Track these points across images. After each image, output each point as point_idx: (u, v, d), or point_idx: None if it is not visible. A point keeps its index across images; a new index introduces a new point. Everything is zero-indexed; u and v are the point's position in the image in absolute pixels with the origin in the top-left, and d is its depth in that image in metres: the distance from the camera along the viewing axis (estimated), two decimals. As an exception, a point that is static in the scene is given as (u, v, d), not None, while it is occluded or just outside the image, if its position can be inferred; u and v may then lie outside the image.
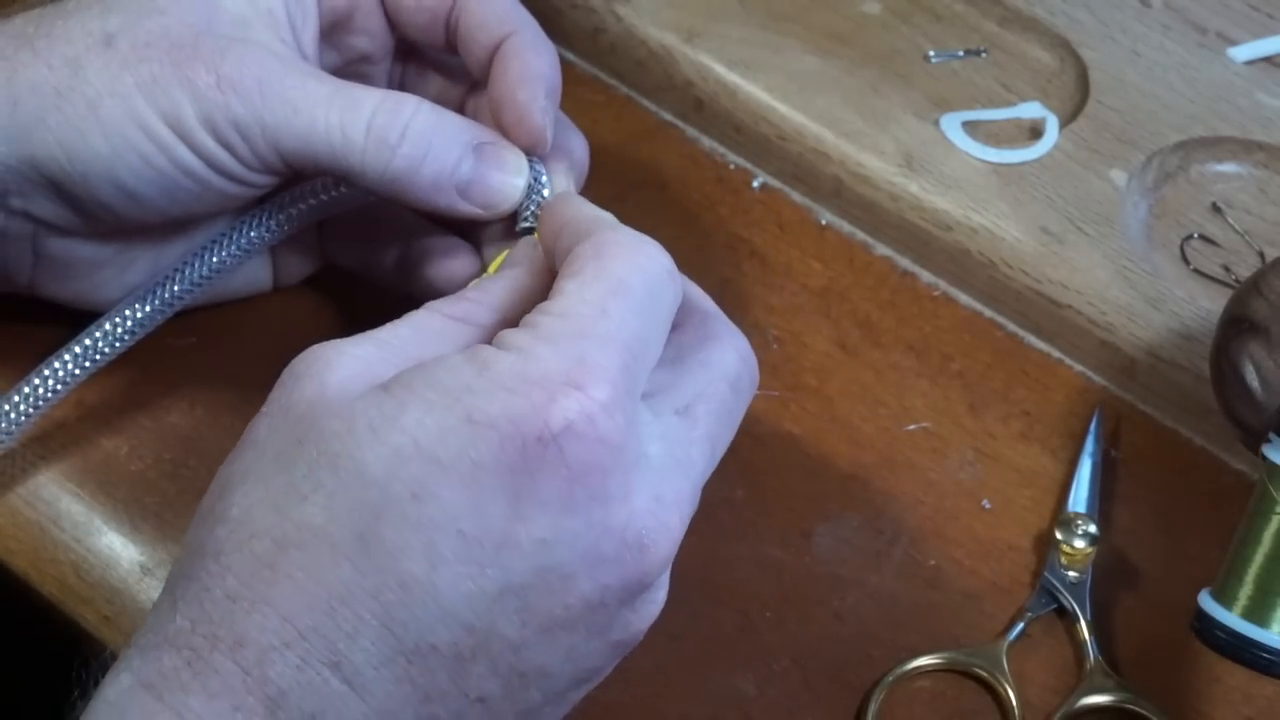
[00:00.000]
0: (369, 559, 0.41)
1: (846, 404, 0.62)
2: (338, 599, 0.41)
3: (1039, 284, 0.63)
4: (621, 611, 0.45)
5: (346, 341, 0.46)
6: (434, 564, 0.41)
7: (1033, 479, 0.60)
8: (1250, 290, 0.53)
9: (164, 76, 0.51)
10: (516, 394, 0.42)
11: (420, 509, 0.42)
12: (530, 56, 0.54)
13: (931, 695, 0.55)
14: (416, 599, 0.41)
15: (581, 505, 0.43)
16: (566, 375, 0.43)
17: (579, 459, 0.42)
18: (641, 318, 0.45)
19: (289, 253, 0.60)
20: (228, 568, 0.42)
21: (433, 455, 0.42)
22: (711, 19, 0.70)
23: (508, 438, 0.42)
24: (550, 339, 0.43)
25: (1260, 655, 0.49)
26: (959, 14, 0.72)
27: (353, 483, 0.42)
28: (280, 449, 0.43)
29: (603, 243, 0.46)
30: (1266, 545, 0.49)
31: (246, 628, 0.41)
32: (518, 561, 0.42)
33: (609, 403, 0.43)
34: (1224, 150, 0.68)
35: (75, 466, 0.57)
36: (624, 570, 0.44)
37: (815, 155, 0.67)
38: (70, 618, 0.55)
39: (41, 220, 0.54)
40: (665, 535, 0.44)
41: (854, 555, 0.58)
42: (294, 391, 0.44)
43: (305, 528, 0.42)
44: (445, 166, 0.52)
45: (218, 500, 0.44)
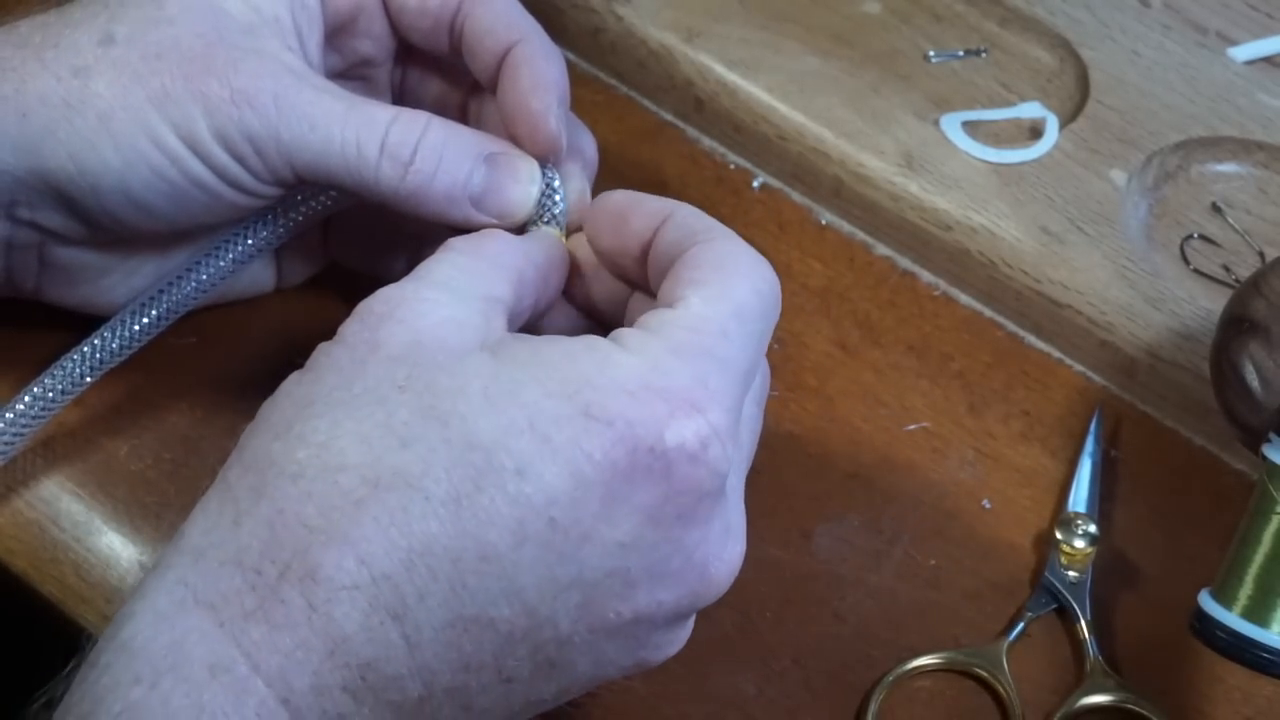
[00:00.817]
0: (458, 521, 0.41)
1: (846, 404, 0.62)
2: (417, 553, 0.41)
3: (1039, 284, 0.63)
4: (657, 633, 0.46)
5: (415, 285, 0.46)
6: (518, 541, 0.42)
7: (1033, 479, 0.60)
8: (1250, 290, 0.53)
9: (176, 89, 0.51)
10: (638, 400, 0.43)
11: (521, 485, 0.42)
12: (540, 64, 0.55)
13: (931, 695, 0.55)
14: (492, 571, 0.41)
15: (667, 521, 0.43)
16: (690, 394, 0.43)
17: (682, 477, 0.43)
18: (755, 344, 0.46)
19: (292, 254, 0.60)
20: (308, 494, 0.41)
21: (545, 436, 0.42)
22: (711, 19, 0.70)
23: (621, 439, 0.42)
24: (678, 351, 0.44)
25: (1260, 655, 0.49)
26: (959, 14, 0.72)
27: (459, 442, 0.42)
28: (374, 386, 0.43)
29: (726, 254, 0.47)
30: (1266, 545, 0.49)
31: (321, 561, 0.40)
32: (594, 559, 0.43)
33: (723, 430, 0.43)
34: (1224, 150, 0.68)
35: (75, 466, 0.57)
36: (681, 591, 0.44)
37: (815, 155, 0.67)
38: (70, 618, 0.55)
39: (49, 230, 0.54)
40: (725, 565, 0.45)
41: (854, 555, 0.58)
42: (380, 330, 0.44)
43: (400, 474, 0.41)
44: (458, 179, 0.52)
45: (296, 419, 0.43)
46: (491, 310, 0.47)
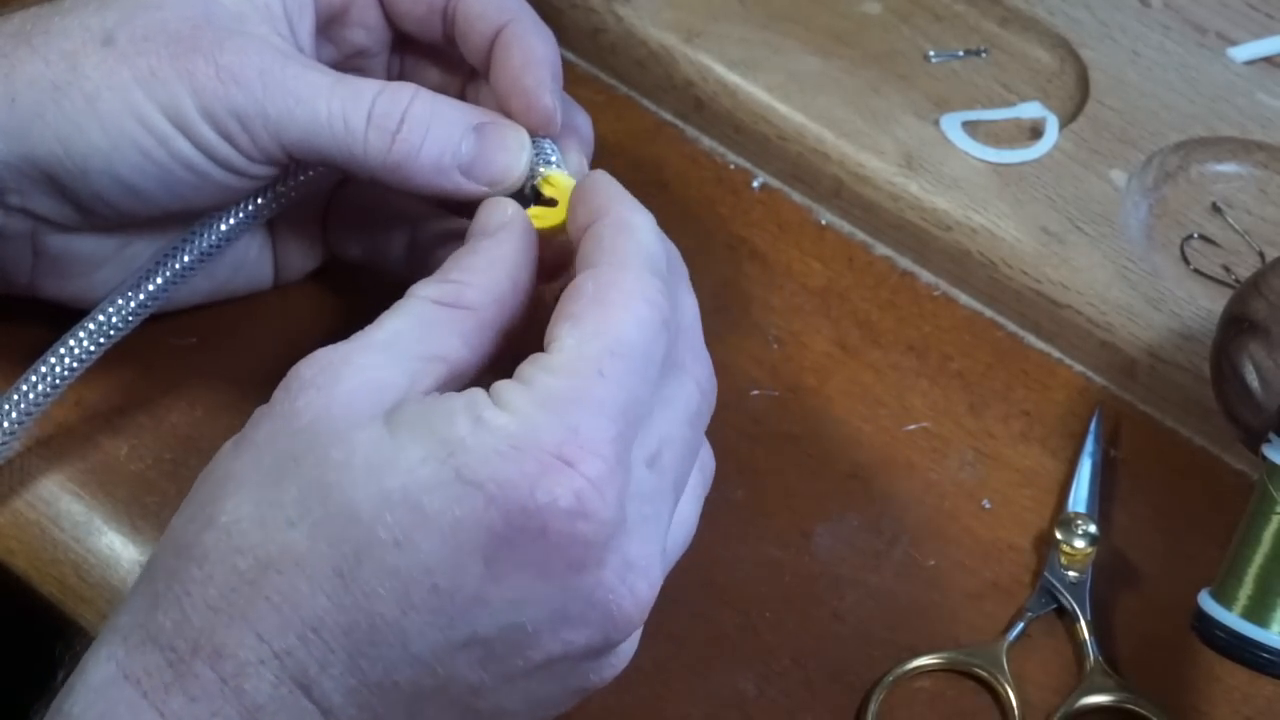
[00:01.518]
0: (345, 595, 0.42)
1: (846, 404, 0.62)
2: (311, 628, 0.42)
3: (1039, 284, 0.63)
4: (582, 665, 0.46)
5: (352, 347, 0.46)
6: (405, 610, 0.42)
7: (1033, 479, 0.60)
8: (1250, 290, 0.53)
9: (162, 69, 0.51)
10: (507, 460, 0.43)
11: (400, 556, 0.42)
12: (532, 40, 0.55)
13: (931, 695, 0.55)
14: (384, 639, 0.43)
15: (556, 573, 0.43)
16: (558, 449, 0.43)
17: (560, 532, 0.43)
18: (637, 377, 0.45)
19: (290, 247, 0.60)
20: (210, 577, 0.43)
21: (419, 505, 0.42)
22: (711, 19, 0.70)
23: (493, 501, 0.42)
24: (546, 404, 0.44)
25: (1260, 655, 0.49)
26: (959, 14, 0.72)
27: (339, 517, 0.43)
28: (276, 462, 0.44)
29: (605, 285, 0.46)
30: (1266, 545, 0.49)
31: (225, 640, 0.42)
32: (485, 618, 0.43)
33: (598, 480, 0.43)
34: (1224, 150, 0.68)
35: (75, 466, 0.57)
36: (589, 632, 0.44)
37: (815, 155, 0.67)
38: (70, 618, 0.55)
39: (40, 217, 0.54)
40: (631, 601, 0.45)
41: (854, 555, 0.58)
42: (298, 399, 0.45)
43: (288, 553, 0.43)
44: (446, 148, 0.52)
45: (209, 500, 0.45)
46: (423, 370, 0.46)
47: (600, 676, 0.47)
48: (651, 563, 0.45)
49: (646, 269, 0.47)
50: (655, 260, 0.48)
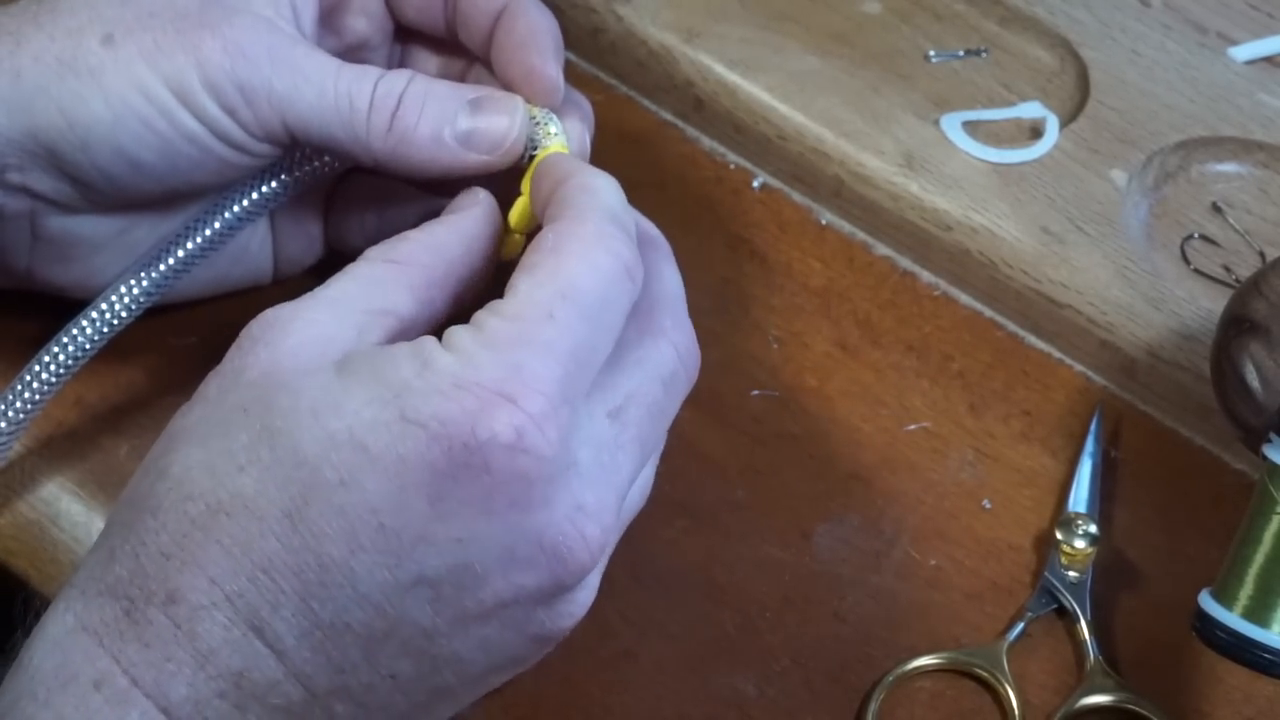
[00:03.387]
0: (294, 536, 0.43)
1: (846, 404, 0.62)
2: (261, 570, 0.43)
3: (1039, 284, 0.63)
4: (537, 611, 0.46)
5: (301, 304, 0.47)
6: (353, 550, 0.43)
7: (1033, 479, 0.60)
8: (1250, 290, 0.53)
9: (167, 42, 0.52)
10: (449, 398, 0.43)
11: (345, 495, 0.43)
12: (533, 15, 0.55)
13: (931, 695, 0.55)
14: (334, 580, 0.43)
15: (500, 510, 0.44)
16: (500, 385, 0.43)
17: (502, 467, 0.43)
18: (590, 323, 0.46)
19: (291, 240, 0.60)
20: (163, 525, 0.44)
21: (363, 445, 0.43)
22: (711, 19, 0.70)
23: (435, 439, 0.43)
24: (491, 344, 0.44)
25: (1260, 655, 0.49)
26: (959, 14, 0.72)
27: (286, 461, 0.43)
28: (226, 414, 0.45)
29: (563, 235, 0.47)
30: (1266, 545, 0.49)
31: (178, 584, 0.43)
32: (432, 558, 0.43)
33: (539, 415, 0.43)
34: (1224, 150, 0.68)
35: (75, 466, 0.57)
36: (538, 574, 0.45)
37: (815, 155, 0.67)
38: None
39: (40, 195, 0.54)
40: (581, 544, 0.45)
41: (854, 555, 0.58)
42: (249, 355, 0.46)
43: (238, 497, 0.43)
44: (440, 122, 0.53)
45: (161, 454, 0.45)
46: (371, 324, 0.47)
47: (556, 625, 0.47)
48: (604, 509, 0.46)
49: (606, 220, 0.48)
50: (615, 213, 0.48)
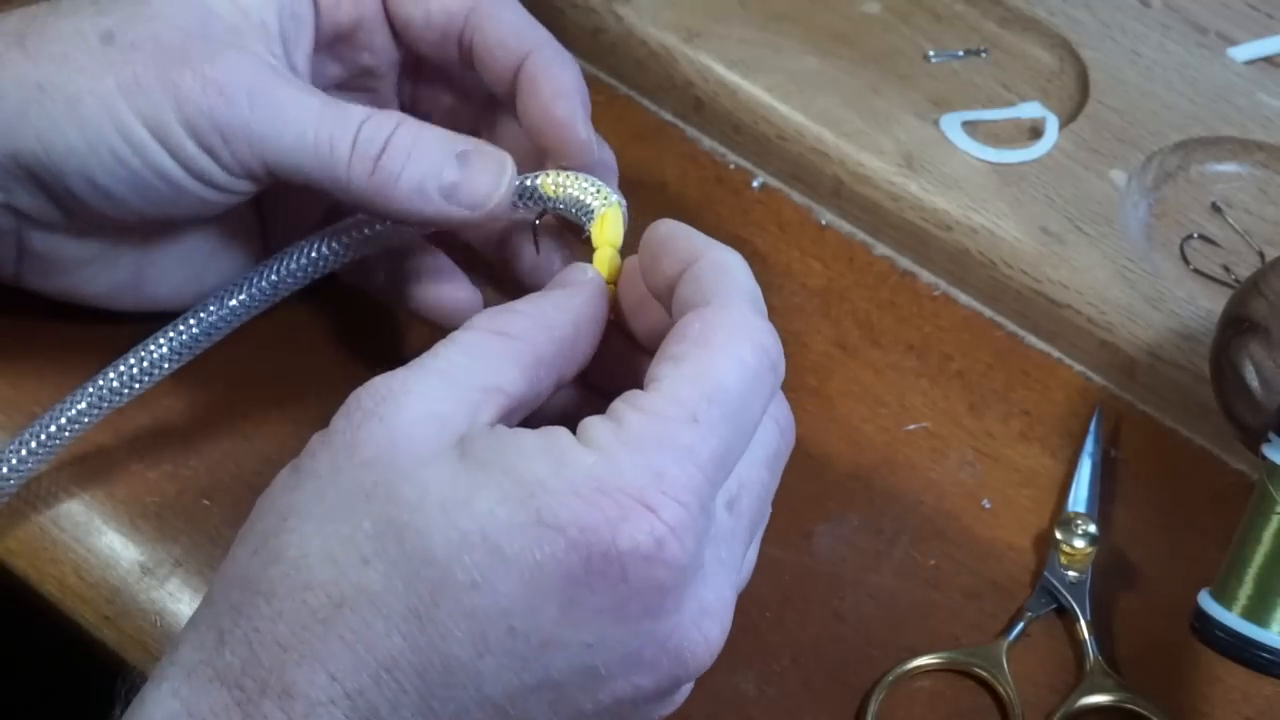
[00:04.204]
0: (420, 636, 0.42)
1: (846, 404, 0.62)
2: (385, 668, 0.42)
3: (1039, 284, 0.63)
4: (650, 704, 0.46)
5: (410, 375, 0.45)
6: (480, 652, 0.42)
7: (1033, 479, 0.60)
8: (1250, 290, 0.53)
9: (147, 78, 0.51)
10: (589, 503, 0.42)
11: (476, 598, 0.42)
12: (558, 72, 0.55)
13: (931, 695, 0.55)
14: (458, 681, 0.42)
15: (633, 618, 0.43)
16: (641, 493, 0.42)
17: (640, 577, 0.42)
18: (732, 425, 0.44)
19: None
20: (280, 614, 0.42)
21: (497, 548, 0.42)
22: (711, 19, 0.70)
23: (574, 545, 0.42)
24: (633, 445, 0.43)
25: (1260, 655, 0.49)
26: (959, 14, 0.72)
27: (415, 558, 0.42)
28: (343, 497, 0.43)
29: (710, 325, 0.45)
30: (1266, 545, 0.49)
31: (295, 679, 0.42)
32: (560, 661, 0.43)
33: (679, 526, 0.42)
34: (1224, 150, 0.68)
35: (75, 467, 0.57)
36: (659, 676, 0.44)
37: (815, 155, 0.67)
38: (70, 618, 0.55)
39: (24, 213, 0.54)
40: (704, 647, 0.45)
41: (854, 555, 0.58)
42: (361, 429, 0.44)
43: (362, 591, 0.42)
44: (427, 173, 0.52)
45: (273, 533, 0.44)
46: (485, 402, 0.45)
47: (661, 713, 0.47)
48: (724, 606, 0.45)
49: (751, 310, 0.46)
50: (756, 298, 0.47)
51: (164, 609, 0.55)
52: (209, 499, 0.57)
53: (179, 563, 0.56)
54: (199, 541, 0.56)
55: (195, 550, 0.56)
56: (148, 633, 0.54)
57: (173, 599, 0.55)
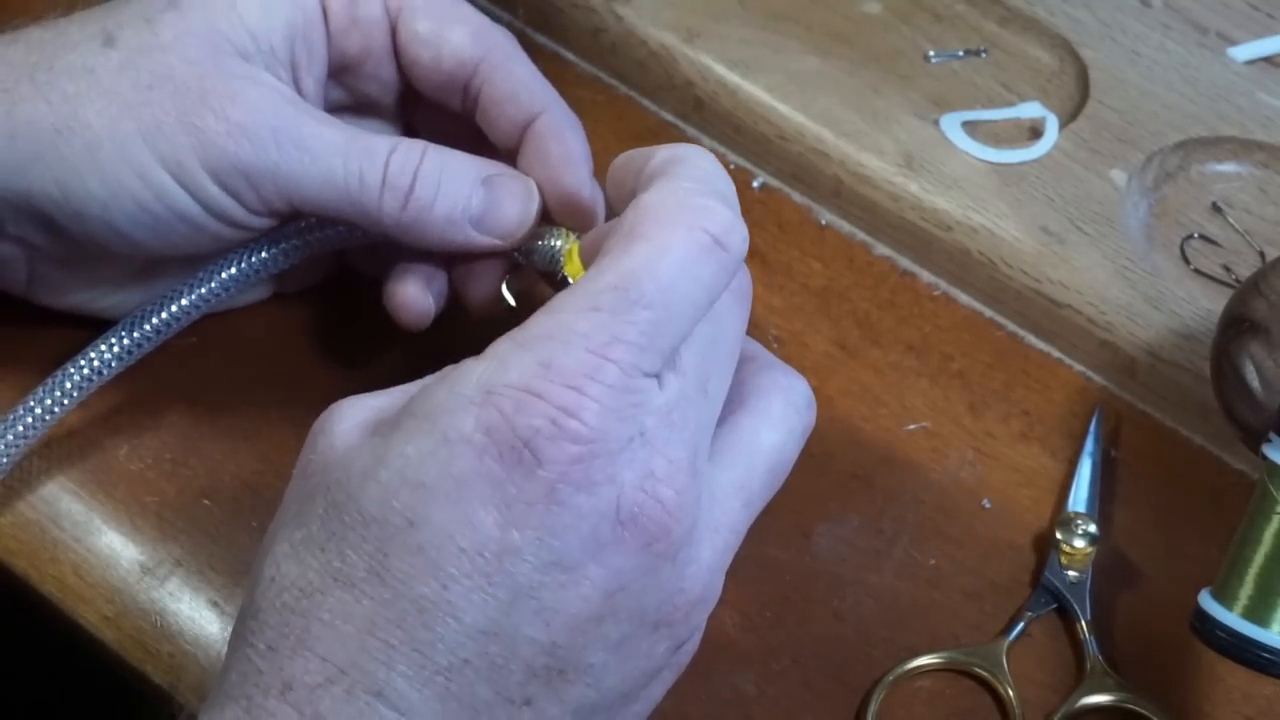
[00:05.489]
0: (385, 590, 0.42)
1: (846, 404, 0.62)
2: (365, 632, 0.42)
3: (1039, 284, 0.63)
4: (646, 593, 0.45)
5: (369, 394, 0.47)
6: (443, 583, 0.42)
7: (1033, 479, 0.60)
8: (1250, 290, 0.53)
9: (167, 122, 0.51)
10: (484, 406, 0.43)
11: (417, 534, 0.42)
12: (570, 139, 0.55)
13: (931, 695, 0.55)
14: (437, 619, 0.42)
15: (568, 499, 0.43)
16: (528, 384, 0.43)
17: (553, 458, 0.43)
18: (656, 308, 0.44)
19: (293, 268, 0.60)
20: (265, 623, 0.44)
21: (417, 481, 0.43)
22: (711, 19, 0.70)
23: (484, 450, 0.42)
24: (523, 343, 0.44)
25: (1260, 655, 0.49)
26: (959, 14, 0.72)
27: (357, 525, 0.43)
28: (299, 508, 0.45)
29: (641, 214, 0.45)
30: (1267, 545, 0.49)
31: (293, 671, 0.43)
32: (520, 564, 0.43)
33: (573, 406, 0.43)
34: (1224, 150, 0.68)
35: (75, 466, 0.57)
36: (627, 550, 0.44)
37: (815, 155, 0.67)
38: (70, 617, 0.55)
39: (35, 246, 0.54)
40: (658, 508, 0.44)
41: (854, 555, 0.58)
42: (310, 451, 0.46)
43: (325, 573, 0.43)
44: (457, 202, 0.52)
45: (257, 567, 0.45)
46: None
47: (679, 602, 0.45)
48: (677, 469, 0.44)
49: (693, 192, 0.46)
50: (711, 182, 0.47)
51: (164, 609, 0.55)
52: (209, 499, 0.57)
53: (179, 563, 0.56)
54: (199, 541, 0.56)
55: (195, 550, 0.56)
56: (148, 633, 0.54)
57: (173, 599, 0.55)
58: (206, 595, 0.55)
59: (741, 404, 0.49)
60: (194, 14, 0.53)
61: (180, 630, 0.54)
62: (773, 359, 0.51)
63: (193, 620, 0.54)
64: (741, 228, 0.46)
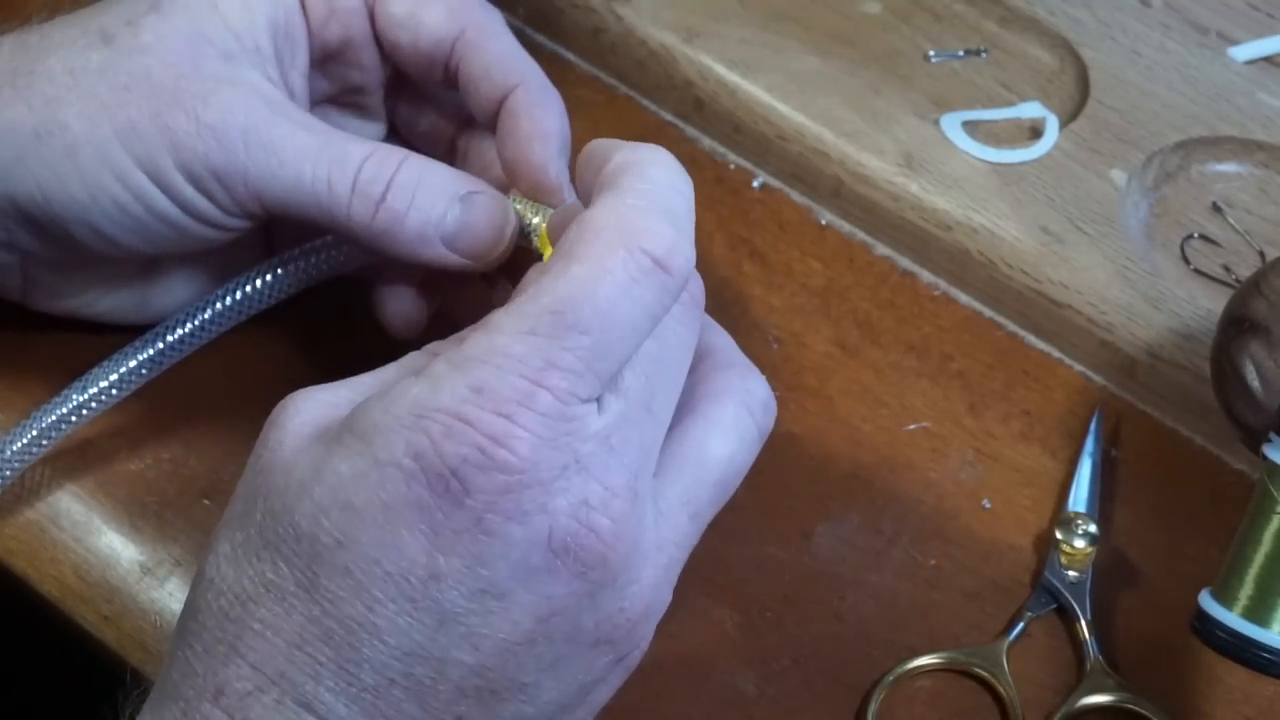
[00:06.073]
0: (314, 606, 0.43)
1: (846, 404, 0.62)
2: (295, 646, 0.43)
3: (1039, 284, 0.63)
4: (582, 618, 0.44)
5: (326, 386, 0.46)
6: (369, 605, 0.42)
7: (1033, 479, 0.60)
8: (1250, 290, 0.53)
9: (142, 123, 0.51)
10: (414, 429, 0.42)
11: (345, 555, 0.42)
12: (540, 113, 0.54)
13: (931, 695, 0.55)
14: (363, 639, 0.43)
15: (497, 528, 0.42)
16: (458, 409, 0.42)
17: (482, 487, 0.42)
18: (594, 333, 0.43)
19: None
20: (202, 625, 0.44)
21: (348, 502, 0.43)
22: (711, 19, 0.70)
23: (411, 475, 0.42)
24: (458, 364, 0.43)
25: (1260, 655, 0.49)
26: (959, 14, 0.72)
27: (288, 537, 0.43)
28: (245, 505, 0.45)
29: (582, 233, 0.44)
30: (1266, 545, 0.49)
31: (225, 676, 0.43)
32: (447, 591, 0.43)
33: (503, 434, 0.42)
34: (1224, 150, 0.68)
35: (74, 466, 0.57)
36: (561, 579, 0.43)
37: (815, 155, 0.67)
38: (69, 617, 0.55)
39: (26, 251, 0.54)
40: (592, 537, 0.43)
41: (854, 555, 0.58)
42: (262, 445, 0.45)
43: (259, 581, 0.43)
44: (430, 218, 0.52)
45: (202, 560, 0.45)
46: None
47: (614, 627, 0.45)
48: (613, 495, 0.43)
49: (638, 210, 0.45)
50: (664, 196, 0.45)
51: (164, 609, 0.55)
52: (209, 499, 0.57)
53: (179, 563, 0.56)
54: (199, 541, 0.56)
55: (195, 550, 0.56)
56: (147, 633, 0.54)
57: (173, 599, 0.55)
58: (206, 595, 0.55)
59: (692, 410, 0.48)
60: (175, 16, 0.53)
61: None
62: (732, 355, 0.50)
63: (192, 620, 0.54)
64: (686, 248, 0.45)
